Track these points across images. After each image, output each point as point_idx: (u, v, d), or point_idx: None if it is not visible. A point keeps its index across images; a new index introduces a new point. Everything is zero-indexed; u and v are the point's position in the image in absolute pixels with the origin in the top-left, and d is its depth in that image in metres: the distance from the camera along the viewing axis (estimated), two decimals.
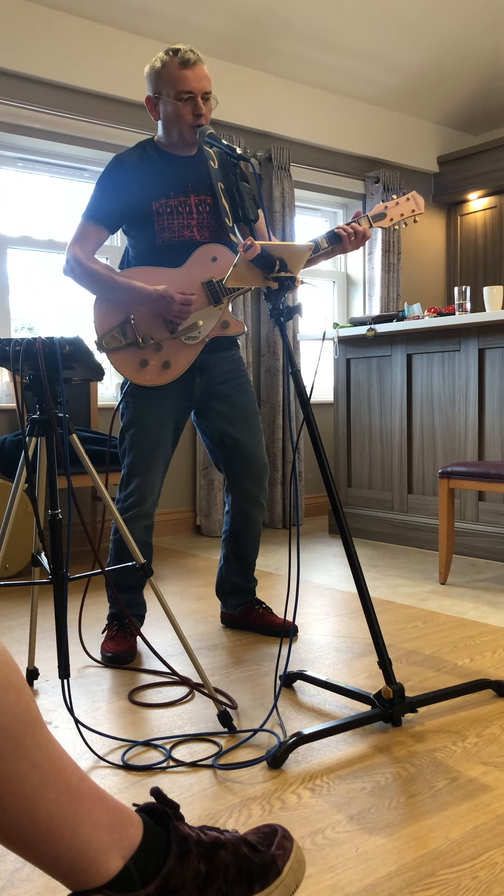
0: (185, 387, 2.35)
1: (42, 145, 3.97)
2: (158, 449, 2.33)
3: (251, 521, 2.48)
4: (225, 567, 2.54)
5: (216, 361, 2.39)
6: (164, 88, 2.22)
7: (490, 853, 1.28)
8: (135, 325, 2.26)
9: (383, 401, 4.06)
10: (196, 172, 2.32)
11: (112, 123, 4.04)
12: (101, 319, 2.28)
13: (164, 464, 2.36)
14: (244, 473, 2.43)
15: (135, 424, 2.32)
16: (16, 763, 0.85)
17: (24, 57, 3.75)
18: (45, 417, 1.71)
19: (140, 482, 2.31)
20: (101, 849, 0.92)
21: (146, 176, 2.27)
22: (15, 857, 1.32)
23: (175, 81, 2.20)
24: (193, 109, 2.22)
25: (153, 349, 2.27)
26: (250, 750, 1.69)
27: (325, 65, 4.62)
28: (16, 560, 3.36)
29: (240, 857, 1.02)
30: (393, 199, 2.29)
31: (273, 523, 4.61)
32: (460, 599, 2.89)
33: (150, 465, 2.32)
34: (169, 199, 2.28)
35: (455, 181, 5.45)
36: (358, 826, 1.37)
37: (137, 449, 2.32)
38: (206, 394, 2.39)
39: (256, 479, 2.44)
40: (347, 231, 2.23)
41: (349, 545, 1.80)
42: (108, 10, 3.88)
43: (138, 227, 2.30)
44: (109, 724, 1.84)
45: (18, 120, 3.81)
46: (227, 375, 2.41)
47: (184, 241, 2.29)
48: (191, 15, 4.01)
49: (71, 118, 3.94)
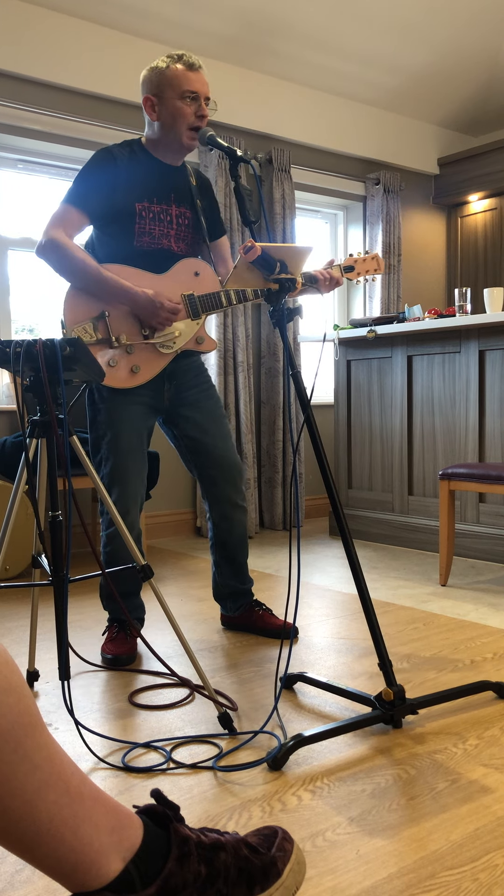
0: (155, 393, 2.33)
1: (42, 147, 3.97)
2: (137, 455, 2.30)
3: (233, 523, 2.46)
4: (218, 573, 2.53)
5: (184, 367, 2.38)
6: (166, 89, 2.21)
7: (491, 855, 1.28)
8: (109, 323, 2.20)
9: (384, 402, 4.06)
10: (180, 183, 2.32)
11: (112, 125, 4.04)
12: (74, 310, 2.18)
13: (143, 468, 2.33)
14: (219, 478, 2.41)
15: (109, 432, 2.28)
16: (16, 765, 0.85)
17: (24, 58, 3.76)
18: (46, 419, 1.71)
19: (121, 491, 2.28)
20: (102, 850, 0.92)
21: (134, 174, 2.24)
22: (15, 858, 1.32)
23: (180, 81, 2.19)
24: (196, 110, 2.21)
25: (124, 351, 2.21)
26: (250, 752, 1.69)
27: (325, 67, 4.63)
28: (16, 562, 3.35)
29: (240, 858, 1.02)
30: (359, 253, 2.43)
31: (273, 525, 4.61)
32: (461, 601, 2.89)
33: (129, 472, 2.28)
34: (153, 203, 2.26)
35: (455, 183, 5.45)
36: (358, 828, 1.37)
37: (115, 457, 2.27)
38: (174, 400, 2.37)
39: (231, 481, 2.42)
40: (324, 276, 2.31)
41: (349, 547, 1.80)
42: (108, 11, 3.89)
43: (116, 225, 2.24)
44: (109, 726, 1.84)
45: (18, 122, 3.82)
46: (194, 381, 2.39)
47: (160, 250, 2.27)
48: (192, 17, 4.01)
49: (71, 120, 3.94)
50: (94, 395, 2.30)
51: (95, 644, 2.47)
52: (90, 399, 2.31)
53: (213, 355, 4.27)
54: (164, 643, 2.46)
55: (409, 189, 5.45)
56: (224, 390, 4.32)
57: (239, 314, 4.36)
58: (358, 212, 5.26)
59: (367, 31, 4.35)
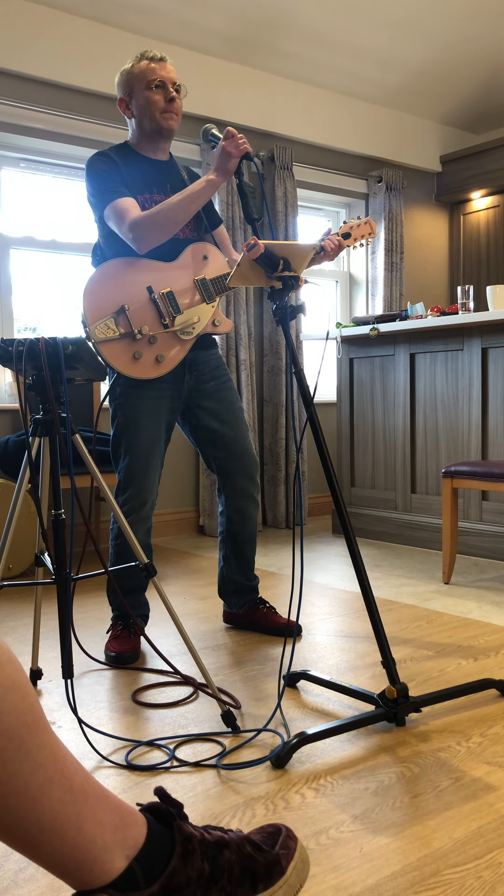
0: (176, 385, 2.35)
1: (44, 146, 3.97)
2: (154, 450, 2.32)
3: (247, 518, 2.48)
4: (225, 568, 2.54)
5: (203, 358, 2.40)
6: (135, 84, 2.31)
7: (494, 853, 1.28)
8: (129, 316, 2.21)
9: (386, 400, 4.06)
10: (172, 175, 2.38)
11: (114, 124, 4.04)
12: (94, 307, 2.18)
13: (160, 464, 2.36)
14: (237, 471, 2.43)
15: (129, 426, 2.30)
16: (20, 763, 0.85)
17: (27, 57, 3.75)
18: (49, 418, 1.71)
19: (138, 486, 2.31)
20: (105, 848, 0.92)
21: (129, 171, 2.31)
22: (19, 856, 1.32)
23: (144, 73, 2.29)
24: (165, 95, 2.29)
25: (147, 342, 2.23)
26: (254, 750, 1.69)
27: (327, 64, 4.62)
28: (19, 560, 3.36)
29: (244, 856, 1.02)
30: (353, 220, 2.45)
31: (276, 523, 4.60)
32: (464, 599, 2.89)
33: (147, 467, 2.31)
34: (153, 194, 2.31)
35: (458, 180, 5.44)
36: (362, 826, 1.37)
37: (134, 452, 2.30)
38: (194, 391, 2.39)
39: (249, 475, 2.45)
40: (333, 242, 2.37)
41: (352, 545, 1.80)
42: (109, 10, 3.88)
43: None
44: (113, 724, 1.84)
45: (21, 120, 3.82)
46: (214, 373, 2.42)
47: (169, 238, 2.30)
48: (193, 15, 4.01)
49: (73, 118, 3.94)
50: (115, 391, 2.32)
51: (99, 642, 2.47)
52: (112, 394, 2.33)
53: None
54: (168, 641, 2.47)
55: (412, 186, 5.44)
56: None
57: (241, 312, 4.36)
58: (360, 209, 5.25)
59: (368, 27, 4.34)
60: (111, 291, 2.21)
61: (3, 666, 0.86)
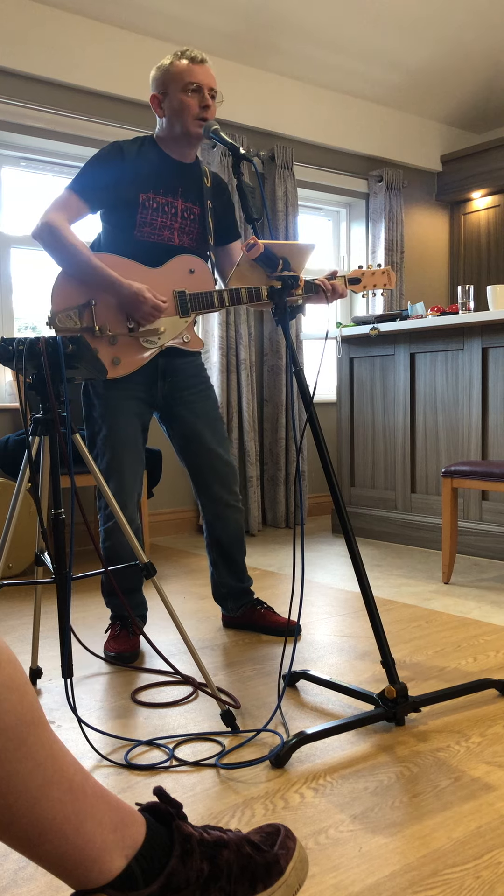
0: (147, 388, 2.32)
1: (45, 144, 3.97)
2: (131, 448, 2.30)
3: (227, 521, 2.45)
4: (215, 572, 2.52)
5: (179, 366, 2.37)
6: (171, 84, 2.23)
7: (493, 853, 1.28)
8: (94, 312, 2.19)
9: (386, 400, 4.06)
10: (190, 180, 2.32)
11: (115, 122, 4.04)
12: (61, 296, 2.18)
13: (140, 463, 2.32)
14: (211, 479, 2.41)
15: (104, 426, 2.28)
16: (19, 762, 0.85)
17: (27, 56, 3.75)
18: (49, 417, 1.71)
19: (117, 486, 2.27)
20: (105, 848, 0.92)
21: (141, 166, 2.25)
22: (18, 856, 1.32)
23: (182, 74, 2.21)
24: (200, 101, 2.22)
25: (107, 342, 2.20)
26: (253, 749, 1.69)
27: (328, 63, 4.62)
28: (19, 559, 3.36)
29: (243, 856, 1.02)
30: (369, 267, 2.34)
31: (276, 523, 4.60)
32: (463, 599, 2.89)
33: (125, 466, 2.28)
34: (158, 194, 2.26)
35: (458, 180, 5.44)
36: (361, 825, 1.37)
37: (110, 451, 2.27)
38: (168, 399, 2.36)
39: (222, 483, 2.41)
40: (326, 286, 2.25)
41: (352, 544, 1.80)
42: (110, 9, 3.88)
43: (119, 214, 2.25)
44: (112, 724, 1.84)
45: (21, 119, 3.82)
46: (189, 381, 2.38)
47: (161, 242, 2.27)
48: (194, 14, 4.01)
49: (74, 117, 3.94)
50: (88, 390, 2.30)
51: (98, 642, 2.47)
52: (85, 394, 2.31)
53: (216, 353, 4.27)
54: (167, 641, 2.47)
55: (412, 186, 5.44)
56: (226, 388, 4.31)
57: (241, 312, 4.36)
58: (361, 209, 5.25)
59: (370, 27, 4.34)
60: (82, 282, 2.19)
61: (3, 665, 0.86)
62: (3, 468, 3.52)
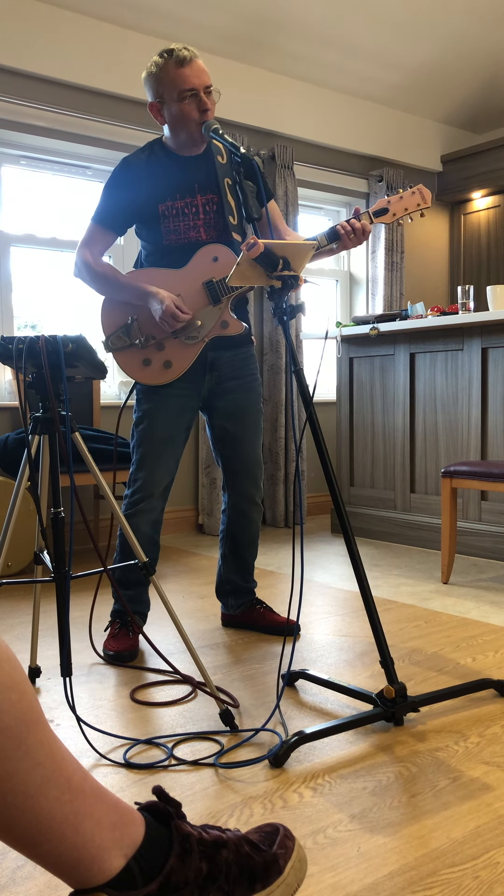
0: (195, 384, 2.37)
1: (45, 143, 3.97)
2: (168, 444, 2.34)
3: (249, 520, 2.49)
4: (224, 566, 2.54)
5: (227, 358, 2.40)
6: (165, 92, 2.21)
7: (492, 853, 1.28)
8: (138, 326, 2.29)
9: (386, 400, 4.06)
10: (203, 171, 2.31)
11: (116, 121, 4.04)
12: (107, 321, 2.34)
13: (174, 460, 2.37)
14: (241, 472, 2.45)
15: (145, 420, 2.35)
16: (18, 761, 0.85)
17: (28, 55, 3.75)
18: (48, 415, 1.71)
19: (146, 476, 2.33)
20: (103, 847, 0.92)
21: (153, 178, 2.28)
22: (17, 854, 1.32)
23: (175, 82, 2.18)
24: (199, 106, 2.20)
25: (155, 348, 2.30)
26: (252, 749, 1.69)
27: (328, 63, 4.62)
28: (18, 558, 3.36)
29: (241, 856, 1.02)
30: (398, 192, 2.29)
31: (275, 522, 4.60)
32: (462, 599, 2.89)
33: (158, 459, 2.34)
34: (175, 201, 2.28)
35: (459, 180, 5.44)
36: (359, 825, 1.37)
37: (146, 444, 2.34)
38: (214, 389, 2.41)
39: (253, 478, 2.46)
40: (346, 229, 2.22)
41: (351, 544, 1.80)
42: (111, 7, 3.88)
43: (146, 229, 2.34)
44: (111, 723, 1.84)
45: (22, 118, 3.81)
46: (236, 373, 2.42)
47: (189, 243, 2.30)
48: (194, 13, 4.01)
49: (74, 116, 3.94)
50: (138, 395, 2.39)
51: (98, 640, 2.47)
52: (136, 399, 2.40)
53: None
54: (166, 640, 2.47)
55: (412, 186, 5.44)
56: None
57: None
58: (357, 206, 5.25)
59: (370, 27, 4.34)
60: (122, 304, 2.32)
61: (2, 664, 0.86)
62: (3, 467, 3.51)
